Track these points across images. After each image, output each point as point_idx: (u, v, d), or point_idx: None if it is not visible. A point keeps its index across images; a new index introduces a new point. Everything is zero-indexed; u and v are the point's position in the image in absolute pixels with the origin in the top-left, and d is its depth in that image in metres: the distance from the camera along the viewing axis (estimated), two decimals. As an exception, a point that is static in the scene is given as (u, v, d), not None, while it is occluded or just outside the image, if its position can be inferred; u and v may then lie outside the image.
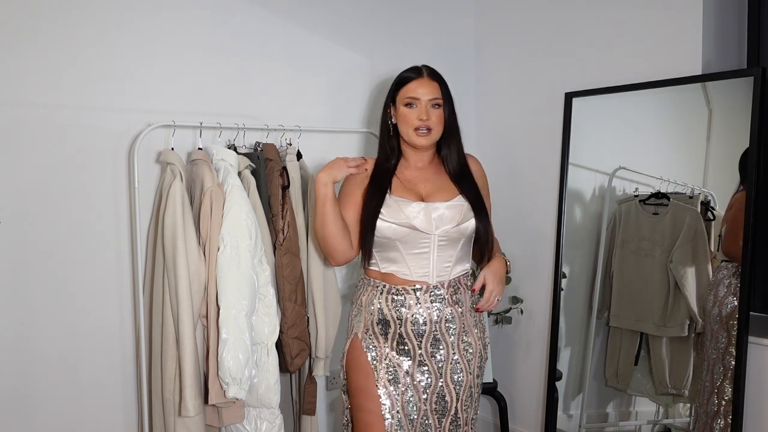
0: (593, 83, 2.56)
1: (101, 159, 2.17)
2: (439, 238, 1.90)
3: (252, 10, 2.44)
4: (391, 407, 1.87)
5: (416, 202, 1.92)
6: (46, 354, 2.12)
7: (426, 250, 1.91)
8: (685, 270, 2.33)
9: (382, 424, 1.86)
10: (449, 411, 1.94)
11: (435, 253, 1.91)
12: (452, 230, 1.90)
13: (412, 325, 1.91)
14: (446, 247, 1.92)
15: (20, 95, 2.04)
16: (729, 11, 2.29)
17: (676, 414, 2.43)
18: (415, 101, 1.91)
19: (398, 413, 1.87)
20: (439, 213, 1.90)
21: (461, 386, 1.94)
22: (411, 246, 1.90)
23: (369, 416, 1.88)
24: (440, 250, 1.91)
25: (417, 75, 1.94)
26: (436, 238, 1.90)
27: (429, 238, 1.90)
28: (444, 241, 1.91)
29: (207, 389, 2.05)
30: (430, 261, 1.91)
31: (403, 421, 1.88)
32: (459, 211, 1.92)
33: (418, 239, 1.90)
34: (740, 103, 2.13)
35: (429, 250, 1.91)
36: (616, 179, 2.54)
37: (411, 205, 1.91)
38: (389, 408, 1.87)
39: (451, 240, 1.92)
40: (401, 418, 1.88)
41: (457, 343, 1.94)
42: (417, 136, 1.92)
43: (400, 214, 1.89)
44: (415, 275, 1.92)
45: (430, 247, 1.91)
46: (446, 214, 1.91)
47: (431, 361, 1.92)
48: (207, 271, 2.05)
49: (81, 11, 2.11)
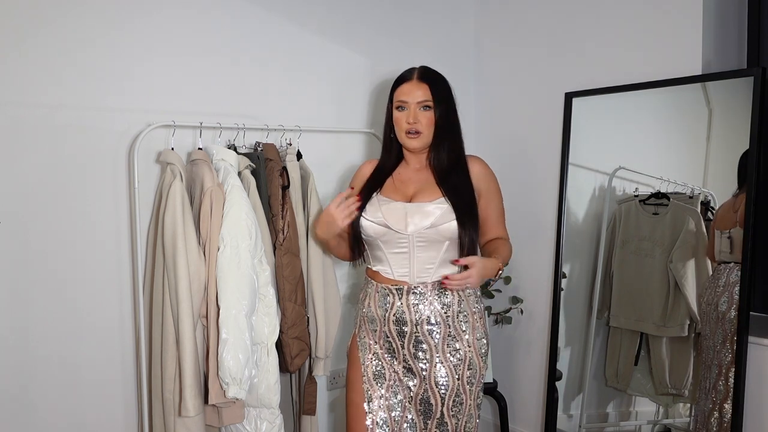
0: (593, 83, 2.56)
1: (101, 159, 2.17)
2: (417, 239, 1.90)
3: (252, 10, 2.44)
4: (374, 402, 1.93)
5: (398, 201, 1.94)
6: (46, 353, 2.12)
7: (405, 250, 1.91)
8: (685, 270, 2.33)
9: (363, 418, 1.93)
10: (434, 414, 1.93)
11: (414, 254, 1.91)
12: (428, 231, 1.88)
13: (394, 324, 1.92)
14: (426, 248, 1.90)
15: (20, 95, 2.04)
16: (729, 11, 2.29)
17: (676, 414, 2.43)
18: (405, 104, 1.94)
19: (381, 409, 1.92)
20: (416, 213, 1.90)
21: (446, 390, 1.91)
22: (391, 245, 1.92)
23: (354, 409, 1.95)
24: (420, 250, 1.91)
25: (408, 77, 1.95)
26: (414, 239, 1.90)
27: (406, 238, 1.90)
28: (422, 242, 1.90)
29: (207, 389, 2.05)
30: (409, 261, 1.92)
31: (385, 415, 1.92)
32: (437, 212, 1.89)
33: (396, 239, 1.91)
34: (740, 103, 2.13)
35: (408, 250, 1.91)
36: (616, 179, 2.54)
37: (391, 204, 1.93)
38: (371, 402, 1.93)
39: (431, 241, 1.90)
40: (386, 414, 1.93)
41: (442, 347, 1.91)
42: (408, 139, 1.94)
43: (378, 212, 1.92)
44: (396, 274, 1.93)
45: (409, 247, 1.91)
46: (423, 214, 1.89)
47: (414, 362, 1.92)
48: (207, 271, 2.05)
49: (81, 11, 2.11)
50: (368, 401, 1.94)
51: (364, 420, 1.93)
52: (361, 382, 1.95)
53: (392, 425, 1.93)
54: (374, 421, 1.92)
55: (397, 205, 1.93)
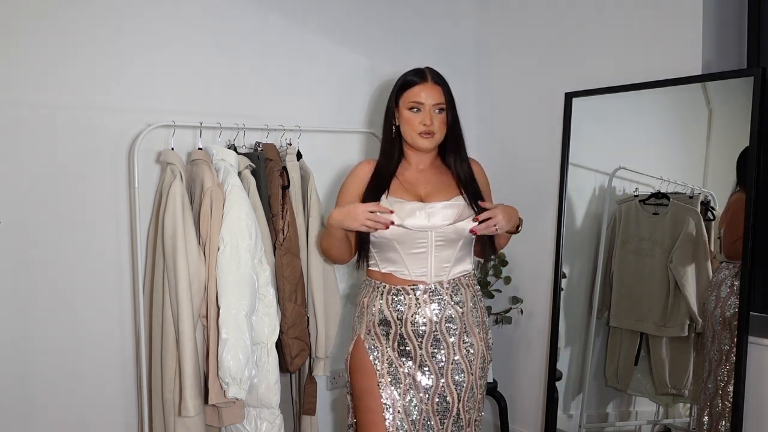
0: (593, 83, 2.56)
1: (101, 159, 2.17)
2: (436, 238, 1.90)
3: (253, 10, 2.44)
4: (392, 408, 1.88)
5: (412, 202, 1.93)
6: (46, 353, 2.12)
7: (423, 250, 1.91)
8: (685, 270, 2.33)
9: (383, 425, 1.87)
10: (451, 412, 1.94)
11: (433, 253, 1.91)
12: (448, 229, 1.90)
13: (412, 325, 1.91)
14: (444, 247, 1.92)
15: (20, 95, 2.04)
16: (729, 11, 2.29)
17: (676, 414, 2.43)
18: (420, 105, 1.92)
19: (399, 413, 1.88)
20: (435, 212, 1.91)
21: (463, 387, 1.94)
22: (408, 246, 1.91)
23: (372, 416, 1.89)
24: (438, 250, 1.91)
25: (421, 79, 1.94)
26: (433, 238, 1.90)
27: (425, 237, 1.90)
28: (441, 241, 1.91)
29: (207, 389, 2.05)
30: (428, 261, 1.92)
31: (404, 421, 1.88)
32: (456, 210, 1.92)
33: (414, 239, 1.90)
34: (740, 103, 2.13)
35: (426, 249, 1.91)
36: (616, 179, 2.54)
37: (405, 204, 1.92)
38: (390, 409, 1.88)
39: (449, 240, 1.91)
40: (402, 418, 1.88)
41: (458, 343, 1.93)
42: (421, 139, 1.93)
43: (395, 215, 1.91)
44: (413, 275, 1.92)
45: (428, 246, 1.91)
46: (442, 213, 1.91)
47: (432, 361, 1.92)
48: (207, 271, 2.05)
49: (81, 11, 2.11)
50: (386, 408, 1.88)
51: (383, 427, 1.87)
52: (377, 387, 1.90)
53: (409, 428, 1.89)
54: (395, 426, 1.87)
55: (413, 205, 1.92)
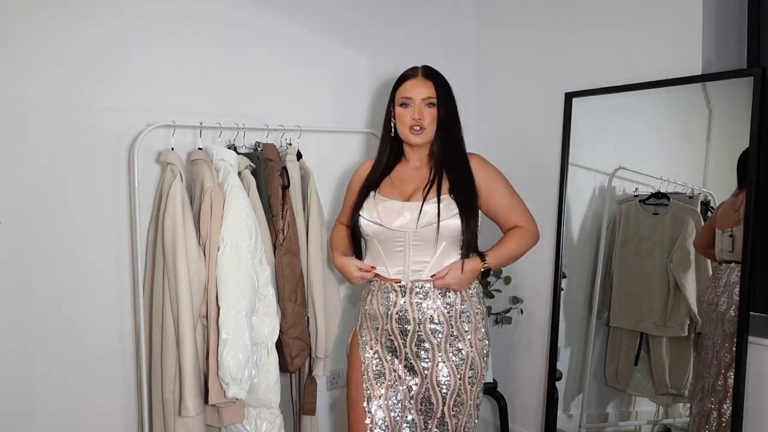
0: (593, 83, 2.56)
1: (101, 159, 2.17)
2: (413, 237, 1.89)
3: (253, 10, 2.44)
4: (373, 402, 1.92)
5: (395, 200, 1.93)
6: (46, 353, 2.12)
7: (401, 249, 1.91)
8: (685, 270, 2.33)
9: (364, 415, 1.93)
10: (435, 414, 1.93)
11: (410, 252, 1.90)
12: (424, 229, 1.87)
13: (396, 322, 1.92)
14: (422, 247, 1.89)
15: (20, 95, 2.04)
16: (729, 11, 2.29)
17: (676, 414, 2.43)
18: (409, 101, 1.93)
19: (378, 408, 1.92)
20: (413, 211, 1.89)
21: (448, 389, 1.90)
22: (387, 244, 1.92)
23: (355, 406, 1.95)
24: (415, 249, 1.90)
25: (413, 74, 1.96)
26: (410, 237, 1.89)
27: (402, 236, 1.90)
28: (418, 241, 1.89)
29: (207, 389, 2.05)
30: (404, 260, 1.91)
31: (384, 415, 1.92)
32: (433, 210, 1.87)
33: (392, 237, 1.90)
34: (740, 103, 2.13)
35: (404, 249, 1.91)
36: (616, 179, 2.54)
37: (387, 202, 1.93)
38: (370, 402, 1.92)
39: (426, 239, 1.88)
40: (383, 412, 1.92)
41: (445, 346, 1.90)
42: (411, 134, 1.94)
43: (374, 211, 1.92)
44: (391, 273, 1.93)
45: (405, 246, 1.90)
46: (420, 212, 1.88)
47: (417, 361, 1.92)
48: (207, 271, 2.05)
49: (81, 11, 2.11)
50: (367, 400, 1.93)
51: (364, 418, 1.93)
52: (362, 380, 1.95)
53: (392, 426, 1.92)
54: (373, 420, 1.91)
55: (393, 203, 1.92)
